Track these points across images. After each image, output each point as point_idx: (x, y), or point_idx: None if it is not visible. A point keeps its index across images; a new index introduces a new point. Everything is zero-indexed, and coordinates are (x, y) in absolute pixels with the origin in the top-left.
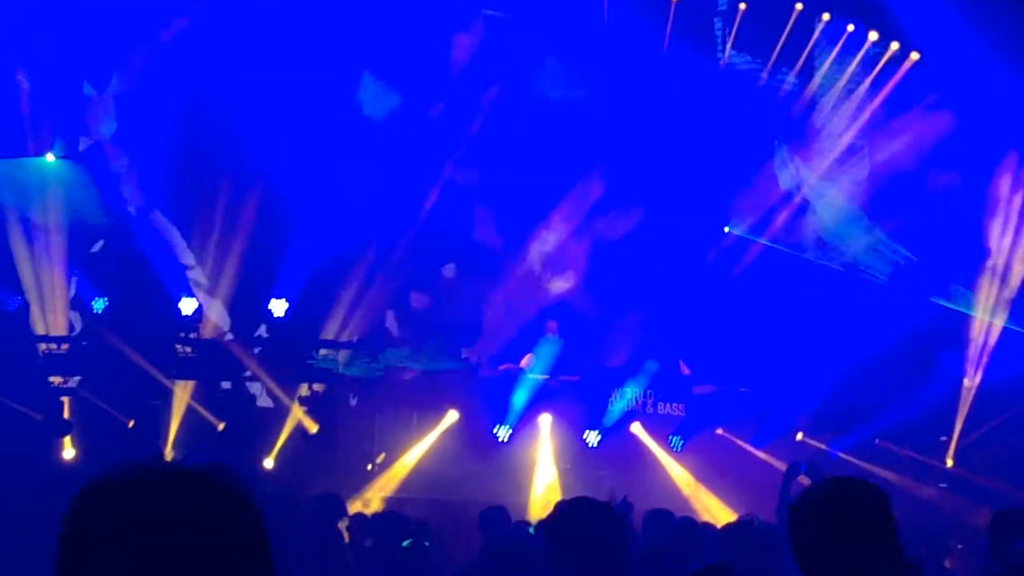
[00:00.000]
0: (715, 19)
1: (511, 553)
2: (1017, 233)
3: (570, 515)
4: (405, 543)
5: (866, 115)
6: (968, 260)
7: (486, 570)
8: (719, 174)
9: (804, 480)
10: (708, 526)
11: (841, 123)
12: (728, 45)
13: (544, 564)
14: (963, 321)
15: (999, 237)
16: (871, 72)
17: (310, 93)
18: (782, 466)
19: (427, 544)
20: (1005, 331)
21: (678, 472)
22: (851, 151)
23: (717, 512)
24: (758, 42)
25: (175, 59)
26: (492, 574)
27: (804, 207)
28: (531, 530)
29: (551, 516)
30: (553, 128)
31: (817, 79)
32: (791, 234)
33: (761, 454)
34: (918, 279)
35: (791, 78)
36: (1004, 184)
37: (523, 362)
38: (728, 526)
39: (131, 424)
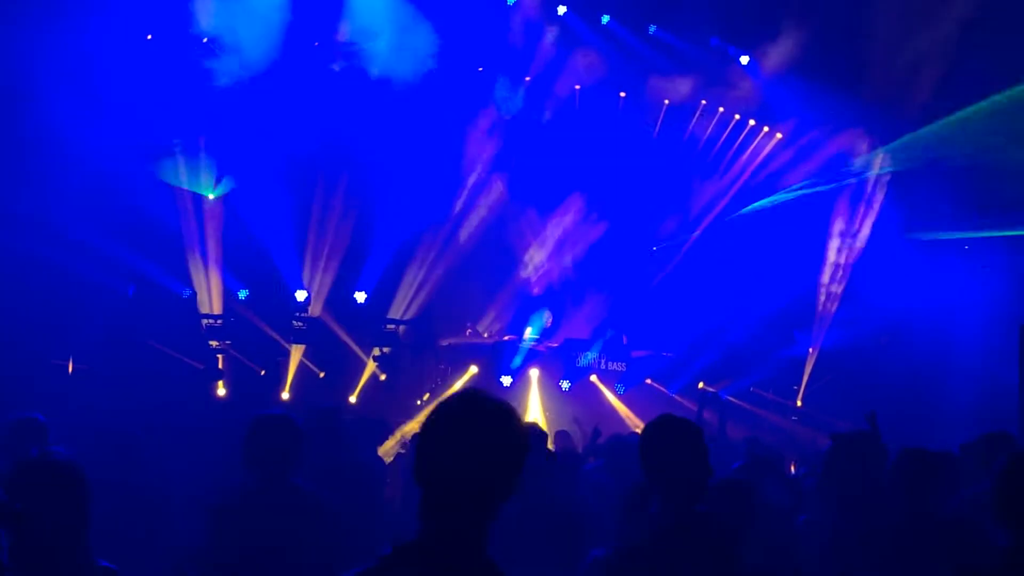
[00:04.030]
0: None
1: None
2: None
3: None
4: None
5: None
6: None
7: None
8: (650, 209)
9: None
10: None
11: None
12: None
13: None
14: (812, 308)
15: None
16: (748, 147)
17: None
18: (689, 404)
19: None
20: (835, 315)
21: (621, 408)
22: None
23: None
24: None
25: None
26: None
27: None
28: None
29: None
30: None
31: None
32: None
33: (676, 396)
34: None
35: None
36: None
37: (525, 334)
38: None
39: (263, 373)
